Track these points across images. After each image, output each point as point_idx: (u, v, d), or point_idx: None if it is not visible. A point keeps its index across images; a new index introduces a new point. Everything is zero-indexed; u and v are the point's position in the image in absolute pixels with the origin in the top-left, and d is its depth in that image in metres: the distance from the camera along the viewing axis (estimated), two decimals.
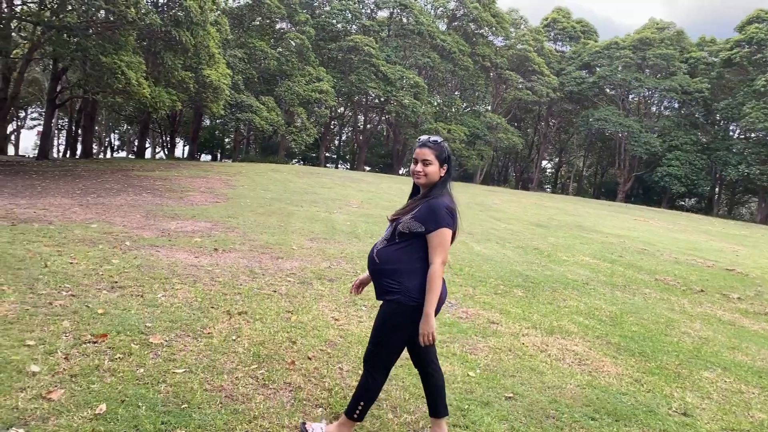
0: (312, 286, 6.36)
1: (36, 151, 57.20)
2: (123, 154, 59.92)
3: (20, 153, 48.83)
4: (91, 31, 17.91)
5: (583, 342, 5.44)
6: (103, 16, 20.17)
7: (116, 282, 5.73)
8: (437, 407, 3.19)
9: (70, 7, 19.39)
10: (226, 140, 56.76)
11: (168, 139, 46.89)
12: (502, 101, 52.50)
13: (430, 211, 2.84)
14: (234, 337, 4.43)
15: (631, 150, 47.56)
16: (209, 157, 55.86)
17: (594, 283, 8.38)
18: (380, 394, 3.16)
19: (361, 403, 3.00)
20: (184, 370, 3.74)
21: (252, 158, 41.67)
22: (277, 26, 39.55)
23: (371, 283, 3.10)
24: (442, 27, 49.30)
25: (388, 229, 3.01)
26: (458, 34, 47.60)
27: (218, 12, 22.22)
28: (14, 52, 21.38)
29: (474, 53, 46.87)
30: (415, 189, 3.10)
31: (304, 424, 3.17)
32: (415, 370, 3.33)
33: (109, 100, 18.60)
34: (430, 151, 2.95)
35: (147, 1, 15.30)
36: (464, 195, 24.11)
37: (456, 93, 51.70)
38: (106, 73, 15.52)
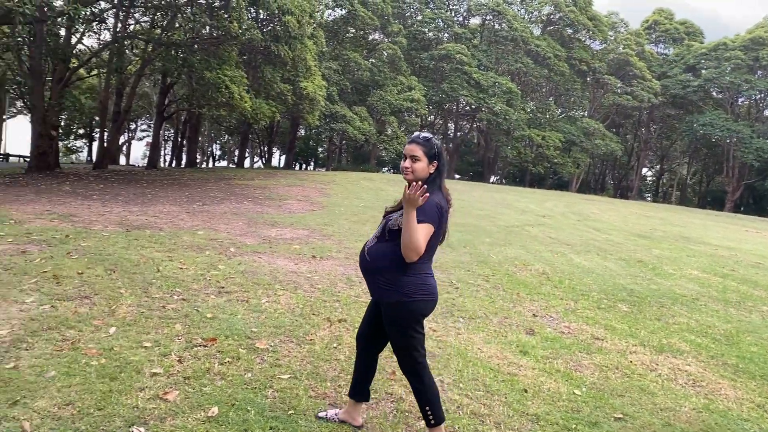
0: None
1: (145, 161, 61.10)
2: (224, 163, 62.80)
3: (131, 162, 52.27)
4: (196, 47, 18.93)
5: (697, 362, 5.11)
6: (208, 32, 21.29)
7: (223, 287, 5.96)
8: (364, 392, 3.28)
9: (177, 25, 20.61)
10: (320, 149, 58.26)
11: (266, 149, 48.71)
12: (600, 106, 50.69)
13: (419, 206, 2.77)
14: (335, 345, 4.49)
15: (740, 157, 44.55)
16: (303, 165, 57.51)
17: (705, 299, 7.87)
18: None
19: (428, 408, 3.00)
20: (289, 375, 3.82)
21: (344, 167, 42.49)
22: (370, 37, 40.19)
23: None
24: (536, 32, 48.33)
25: (380, 227, 3.02)
26: (553, 38, 46.47)
27: (314, 25, 22.84)
28: (127, 68, 22.92)
29: (570, 57, 45.60)
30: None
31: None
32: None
33: (213, 113, 19.58)
34: (419, 147, 2.92)
35: (248, 17, 15.92)
36: (560, 203, 23.42)
37: (550, 98, 50.46)
38: (211, 87, 16.36)
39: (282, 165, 45.54)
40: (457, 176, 50.61)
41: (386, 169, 54.10)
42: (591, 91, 49.87)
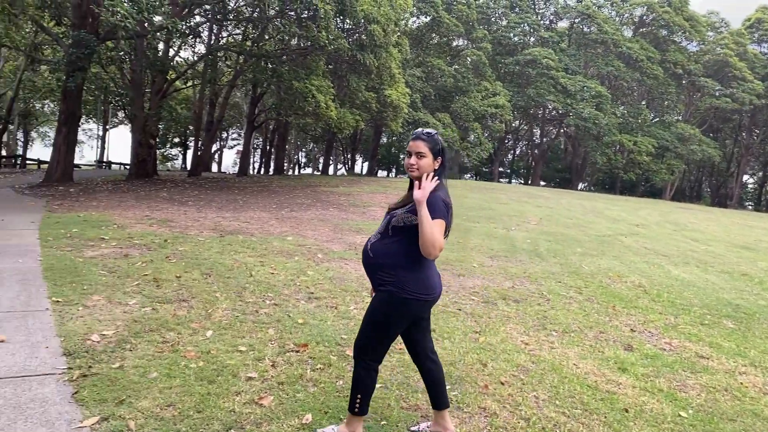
0: (497, 306, 6.20)
1: (236, 168, 63.49)
2: (308, 170, 64.26)
3: (222, 170, 54.45)
4: (285, 57, 19.48)
5: None
6: (296, 43, 21.87)
7: (312, 293, 6.04)
8: (438, 400, 3.19)
9: (267, 36, 21.30)
10: (402, 156, 58.53)
11: (349, 156, 49.51)
12: (696, 110, 48.12)
13: (427, 203, 2.75)
14: None
15: None
16: (386, 172, 57.94)
17: None
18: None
19: (359, 396, 2.96)
20: (380, 385, 3.79)
21: None
22: (454, 43, 40.02)
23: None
24: (628, 34, 46.53)
25: (383, 223, 2.99)
26: (646, 40, 44.59)
27: (399, 33, 22.98)
28: (220, 79, 23.89)
29: (664, 60, 43.58)
30: (412, 183, 3.01)
31: (315, 430, 3.15)
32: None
33: (300, 122, 20.04)
34: (424, 143, 2.91)
35: (335, 27, 16.20)
36: (653, 212, 22.35)
37: (642, 102, 48.41)
38: (298, 97, 16.77)
39: (364, 172, 46.08)
40: (542, 183, 49.42)
41: (468, 176, 53.62)
42: (686, 94, 47.47)
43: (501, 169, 52.38)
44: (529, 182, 48.61)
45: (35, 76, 33.22)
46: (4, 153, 36.56)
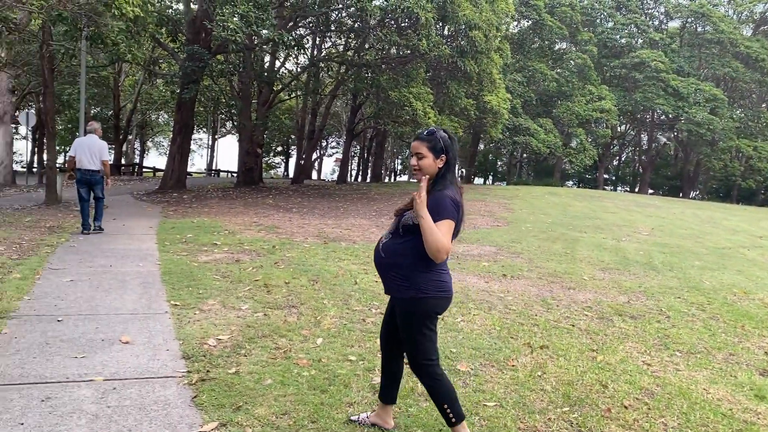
0: (613, 322, 5.85)
1: (334, 176, 64.89)
2: (404, 178, 64.55)
3: (322, 177, 55.85)
4: (384, 66, 19.67)
5: None
6: (395, 52, 22.05)
7: None
8: (390, 395, 3.21)
9: (368, 46, 21.61)
10: (499, 163, 57.59)
11: None
12: None
13: (434, 203, 2.73)
14: (539, 373, 4.21)
15: None
16: (482, 180, 57.19)
17: None
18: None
19: (446, 406, 2.92)
20: (494, 403, 3.64)
21: (525, 181, 41.48)
22: (557, 47, 38.92)
23: None
24: (747, 32, 43.41)
25: (393, 223, 2.97)
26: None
27: (500, 38, 22.60)
28: (322, 89, 24.49)
29: None
30: None
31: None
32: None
33: (398, 130, 20.13)
34: (422, 143, 2.85)
35: (436, 33, 16.14)
36: None
37: (763, 105, 44.92)
38: (396, 105, 16.84)
39: (461, 179, 45.71)
40: (650, 191, 46.98)
41: (572, 183, 51.88)
42: None
43: (606, 176, 50.26)
44: (636, 190, 46.35)
45: (152, 89, 35.57)
46: (123, 161, 39.31)
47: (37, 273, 6.26)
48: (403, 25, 16.75)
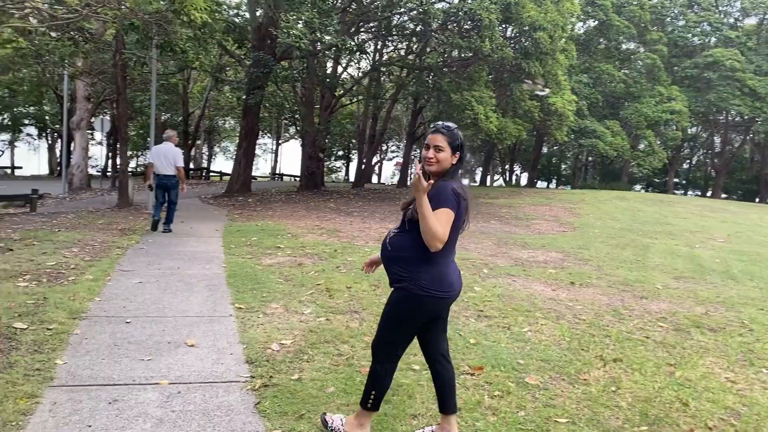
0: (690, 335, 5.52)
1: (394, 179, 64.94)
2: (465, 181, 64.01)
3: (381, 181, 55.98)
4: (445, 69, 19.51)
5: None
6: (457, 55, 21.85)
7: (482, 311, 5.80)
8: (446, 403, 3.07)
9: (429, 49, 21.50)
10: (563, 166, 56.24)
11: (507, 166, 48.55)
12: None
13: (435, 192, 2.72)
14: (613, 389, 3.99)
15: None
16: (545, 183, 56.01)
17: None
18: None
19: (373, 393, 2.95)
20: (566, 420, 3.45)
21: (591, 185, 40.32)
22: (624, 47, 37.66)
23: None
24: None
25: (402, 218, 2.94)
26: None
27: (565, 39, 22.05)
28: (384, 94, 24.51)
29: None
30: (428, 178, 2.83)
31: (324, 414, 3.16)
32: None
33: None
34: (443, 137, 2.83)
35: (500, 35, 15.84)
36: None
37: None
38: (457, 109, 16.64)
39: (522, 182, 44.91)
40: (723, 195, 44.82)
41: (640, 187, 50.09)
42: None
43: (676, 179, 48.27)
44: (709, 194, 44.29)
45: (219, 95, 36.53)
46: (192, 166, 40.56)
47: (108, 275, 6.45)
48: (465, 27, 16.56)
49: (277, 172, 49.64)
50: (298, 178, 44.84)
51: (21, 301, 5.13)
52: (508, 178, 49.75)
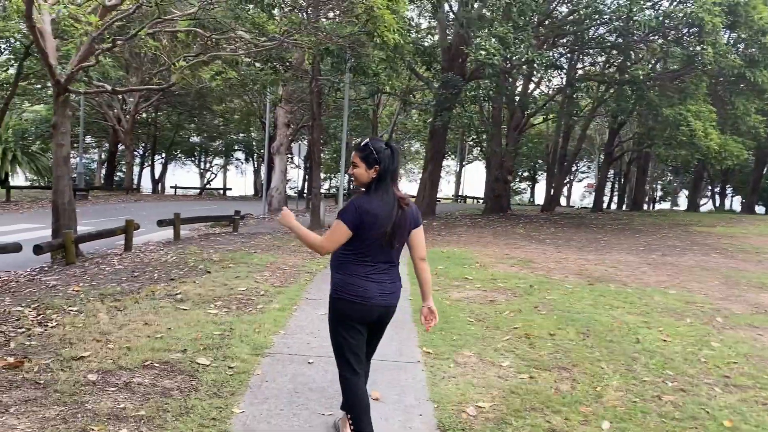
0: None
1: (583, 202, 61.43)
2: (664, 205, 58.46)
3: (570, 204, 53.11)
4: (651, 82, 17.58)
5: None
6: (663, 66, 19.68)
7: (728, 377, 4.56)
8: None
9: (633, 61, 19.62)
10: None
11: (717, 189, 43.37)
12: None
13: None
14: None
15: None
16: (763, 208, 49.03)
17: None
18: None
19: (349, 416, 2.98)
20: None
21: None
22: None
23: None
24: None
25: None
26: None
27: None
28: (580, 111, 22.89)
29: None
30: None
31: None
32: None
33: (671, 153, 17.74)
34: (357, 153, 2.94)
35: (724, 42, 13.77)
36: None
37: None
38: (670, 125, 14.72)
39: (735, 207, 39.65)
40: None
41: None
42: None
43: None
44: None
45: (406, 118, 37.20)
46: None
47: (295, 303, 6.23)
48: (681, 34, 14.72)
49: (460, 193, 49.36)
50: (481, 201, 44.20)
51: (209, 331, 5.00)
52: (718, 203, 44.49)
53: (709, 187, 46.79)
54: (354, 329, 2.97)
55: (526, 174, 53.61)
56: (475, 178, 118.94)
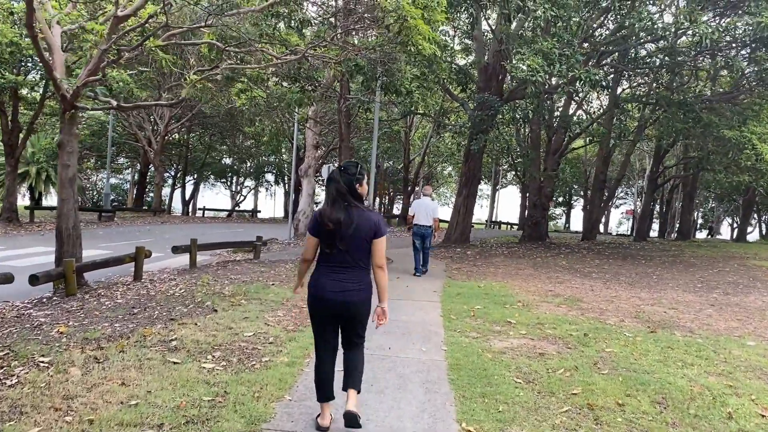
0: None
1: (620, 228, 59.40)
2: (703, 234, 56.08)
3: (607, 230, 51.23)
4: (705, 102, 16.37)
5: None
6: (712, 85, 18.39)
7: None
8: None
9: (677, 83, 18.43)
10: None
11: (765, 217, 41.30)
12: None
13: None
14: None
15: None
16: None
17: None
18: None
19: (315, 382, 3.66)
20: None
21: None
22: None
23: None
24: None
25: None
26: None
27: None
28: (625, 134, 21.60)
29: None
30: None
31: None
32: None
33: (731, 178, 16.39)
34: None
35: None
36: None
37: None
38: (732, 148, 13.48)
39: None
40: None
41: None
42: None
43: None
44: None
45: (439, 141, 36.26)
46: (395, 212, 40.64)
47: (307, 355, 5.27)
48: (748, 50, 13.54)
49: (493, 219, 48.04)
50: (516, 227, 42.81)
51: (197, 396, 4.07)
52: (765, 232, 42.42)
53: (755, 216, 44.62)
54: (318, 321, 3.58)
55: (561, 199, 52.07)
56: (508, 203, 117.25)
